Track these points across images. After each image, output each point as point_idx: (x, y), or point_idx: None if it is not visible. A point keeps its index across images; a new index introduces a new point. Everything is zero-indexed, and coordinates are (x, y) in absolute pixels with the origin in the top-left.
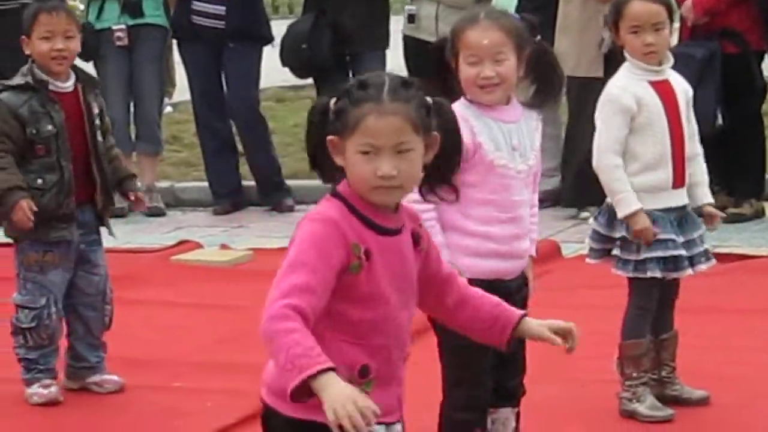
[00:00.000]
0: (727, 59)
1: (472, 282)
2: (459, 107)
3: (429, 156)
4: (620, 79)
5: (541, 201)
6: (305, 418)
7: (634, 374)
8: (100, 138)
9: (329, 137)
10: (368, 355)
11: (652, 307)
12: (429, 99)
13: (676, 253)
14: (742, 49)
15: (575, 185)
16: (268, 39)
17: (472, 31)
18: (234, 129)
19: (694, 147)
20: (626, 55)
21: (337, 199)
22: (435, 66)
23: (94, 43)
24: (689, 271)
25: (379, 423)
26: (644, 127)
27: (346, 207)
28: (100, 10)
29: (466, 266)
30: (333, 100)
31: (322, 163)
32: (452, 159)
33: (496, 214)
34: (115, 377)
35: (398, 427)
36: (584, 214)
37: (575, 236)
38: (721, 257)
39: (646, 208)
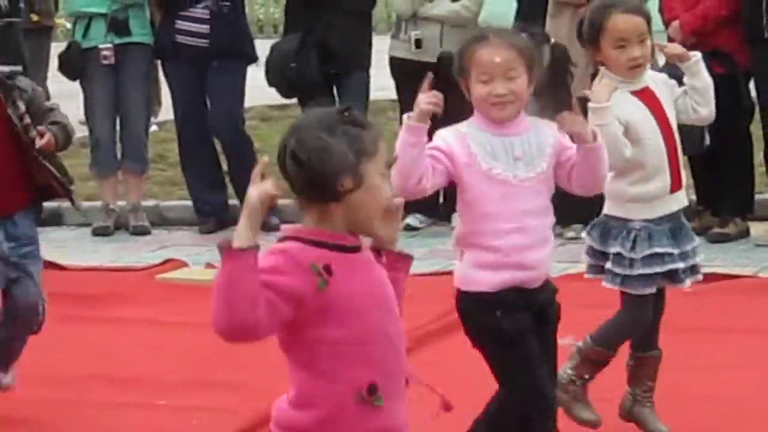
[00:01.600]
0: (715, 79)
1: (494, 295)
2: (460, 127)
3: None
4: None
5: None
6: None
7: (585, 375)
8: (33, 134)
9: None
10: (372, 372)
11: (634, 326)
12: None
13: (674, 267)
14: (729, 69)
15: (560, 203)
16: (253, 58)
17: (484, 49)
18: (219, 148)
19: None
20: (604, 69)
21: (284, 242)
22: (441, 82)
23: (80, 61)
24: (687, 283)
25: None
26: (637, 139)
27: (297, 243)
28: (87, 28)
29: (481, 280)
30: None
31: None
32: None
33: (501, 225)
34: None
35: None
36: (570, 233)
37: (562, 255)
38: (706, 277)
39: (643, 217)
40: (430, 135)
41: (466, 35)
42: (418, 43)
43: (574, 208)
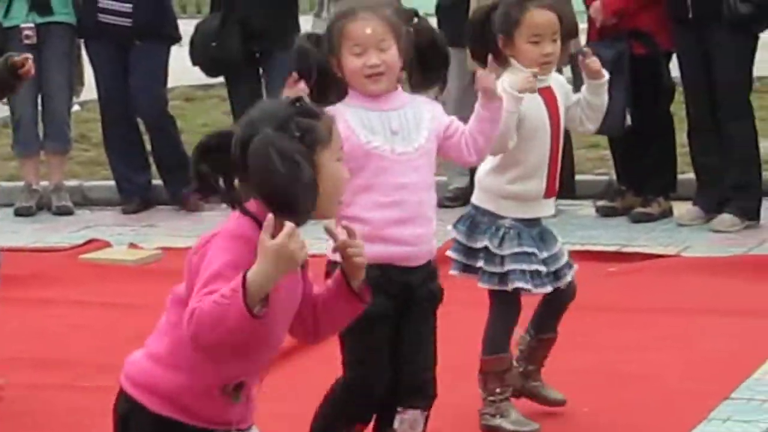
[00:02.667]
0: (636, 60)
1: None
2: (338, 106)
3: None
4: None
5: (451, 199)
6: (173, 417)
7: (498, 390)
8: None
9: None
10: (247, 372)
11: (514, 321)
12: None
13: (538, 268)
14: (651, 50)
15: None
16: (176, 38)
17: (354, 23)
18: (142, 128)
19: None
20: (512, 61)
21: (248, 218)
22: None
23: (1, 41)
24: (548, 288)
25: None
26: (529, 135)
27: (257, 224)
28: (8, 7)
29: None
30: None
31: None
32: None
33: (376, 198)
34: None
35: (254, 429)
36: None
37: None
38: (629, 256)
39: (515, 216)
40: None
41: None
42: None
43: None
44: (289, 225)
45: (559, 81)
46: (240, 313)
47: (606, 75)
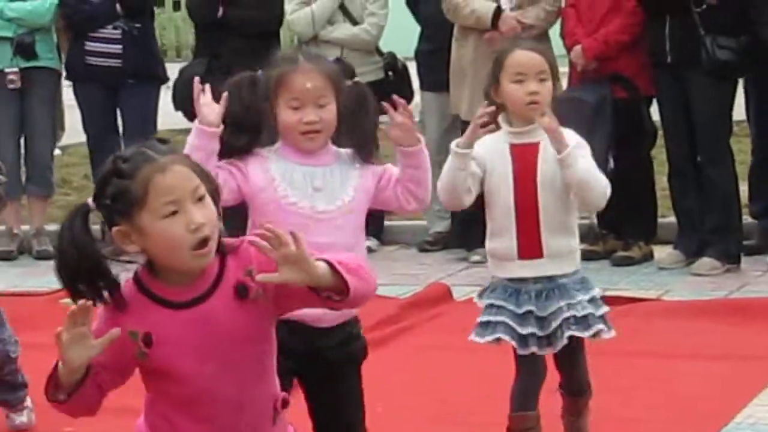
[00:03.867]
0: (617, 104)
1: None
2: (263, 151)
3: None
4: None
5: (431, 243)
6: None
7: None
8: None
9: None
10: (199, 423)
11: (537, 380)
12: None
13: (493, 319)
14: (631, 94)
15: (463, 227)
16: (164, 79)
17: (294, 75)
18: None
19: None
20: (502, 117)
21: (131, 281)
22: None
23: None
24: (533, 349)
25: None
26: (491, 193)
27: (137, 288)
28: None
29: None
30: None
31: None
32: None
33: None
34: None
35: None
36: (474, 257)
37: (466, 279)
38: (610, 300)
39: (498, 275)
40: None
41: (366, 59)
42: None
43: (477, 232)
44: (69, 312)
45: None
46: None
47: (568, 146)
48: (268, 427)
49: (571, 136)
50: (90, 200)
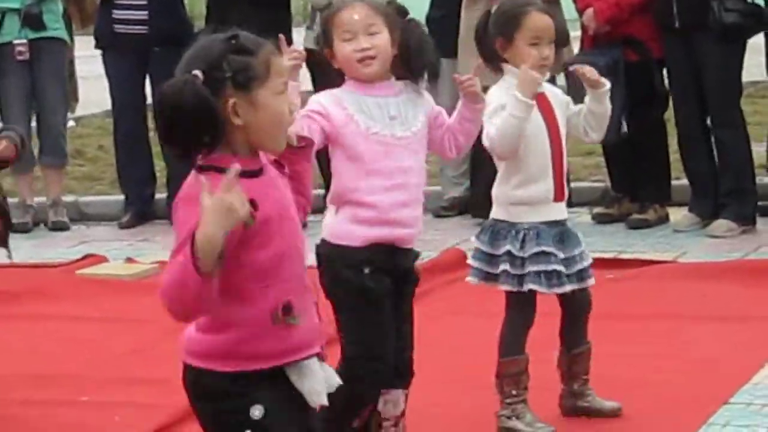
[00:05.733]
0: (629, 67)
1: (364, 251)
2: (335, 91)
3: None
4: (503, 91)
5: (447, 209)
6: (242, 371)
7: (514, 392)
8: None
9: None
10: (287, 291)
11: (528, 323)
12: None
13: (557, 267)
14: (643, 57)
15: (486, 195)
16: None
17: (342, 11)
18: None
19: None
20: (509, 68)
21: (203, 172)
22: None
23: None
24: (567, 288)
25: (312, 356)
26: (527, 140)
27: (216, 172)
28: (0, 24)
29: (356, 234)
30: None
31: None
32: None
33: (380, 182)
34: None
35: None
36: None
37: None
38: (626, 263)
39: (529, 221)
40: None
41: None
42: None
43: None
44: (226, 179)
45: (551, 90)
46: (193, 278)
47: (607, 84)
48: (312, 299)
49: (557, 92)
50: (198, 73)
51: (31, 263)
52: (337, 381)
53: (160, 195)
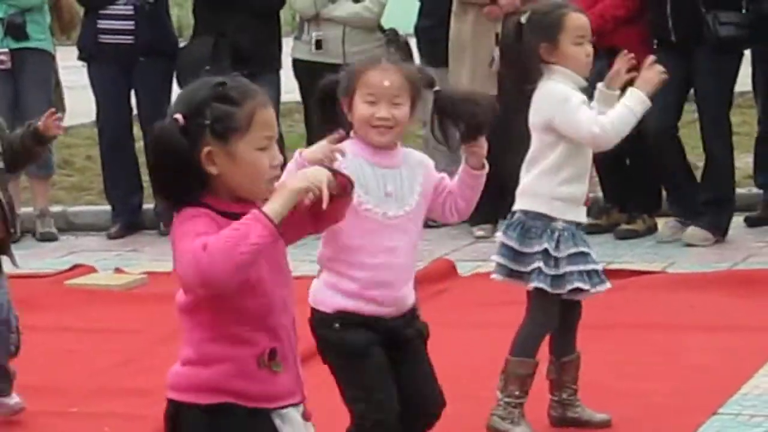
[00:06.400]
0: None
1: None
2: (347, 143)
3: None
4: (568, 87)
5: (435, 219)
6: (224, 402)
7: (516, 392)
8: None
9: None
10: (272, 339)
11: (552, 326)
12: None
13: (596, 267)
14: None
15: (492, 200)
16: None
17: (374, 71)
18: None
19: None
20: (557, 67)
21: (197, 208)
22: (321, 98)
23: None
24: (607, 285)
25: (289, 405)
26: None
27: (210, 211)
28: None
29: (331, 302)
30: None
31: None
32: None
33: (363, 259)
34: (11, 401)
35: (301, 408)
36: (479, 232)
37: (471, 255)
38: (615, 273)
39: (569, 218)
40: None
41: (368, 36)
42: (319, 44)
43: (482, 207)
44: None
45: None
46: (263, 225)
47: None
48: (296, 349)
49: None
50: (179, 116)
51: (20, 273)
52: None
53: (148, 205)
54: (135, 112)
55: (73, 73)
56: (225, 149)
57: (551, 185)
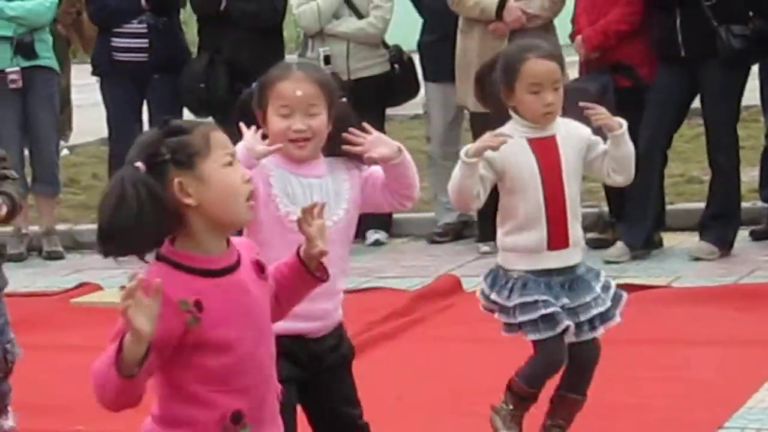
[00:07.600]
0: (622, 93)
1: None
2: (264, 163)
3: None
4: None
5: (441, 235)
6: None
7: (510, 406)
8: None
9: None
10: (239, 400)
11: (556, 363)
12: None
13: (549, 311)
14: (634, 82)
15: (486, 217)
16: None
17: (285, 81)
18: None
19: None
20: (513, 113)
21: (158, 263)
22: (237, 115)
23: None
24: (572, 338)
25: None
26: (515, 187)
27: (170, 266)
28: None
29: None
30: None
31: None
32: None
33: None
34: (6, 424)
35: None
36: (484, 248)
37: (476, 270)
38: (620, 287)
39: (520, 268)
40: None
41: (372, 52)
42: (327, 59)
43: (489, 224)
44: (129, 284)
45: (570, 128)
46: (113, 378)
47: (623, 125)
48: (276, 409)
49: (573, 130)
50: (139, 163)
51: (26, 292)
52: None
53: None
54: (146, 128)
55: (80, 91)
56: (193, 175)
57: (500, 237)
